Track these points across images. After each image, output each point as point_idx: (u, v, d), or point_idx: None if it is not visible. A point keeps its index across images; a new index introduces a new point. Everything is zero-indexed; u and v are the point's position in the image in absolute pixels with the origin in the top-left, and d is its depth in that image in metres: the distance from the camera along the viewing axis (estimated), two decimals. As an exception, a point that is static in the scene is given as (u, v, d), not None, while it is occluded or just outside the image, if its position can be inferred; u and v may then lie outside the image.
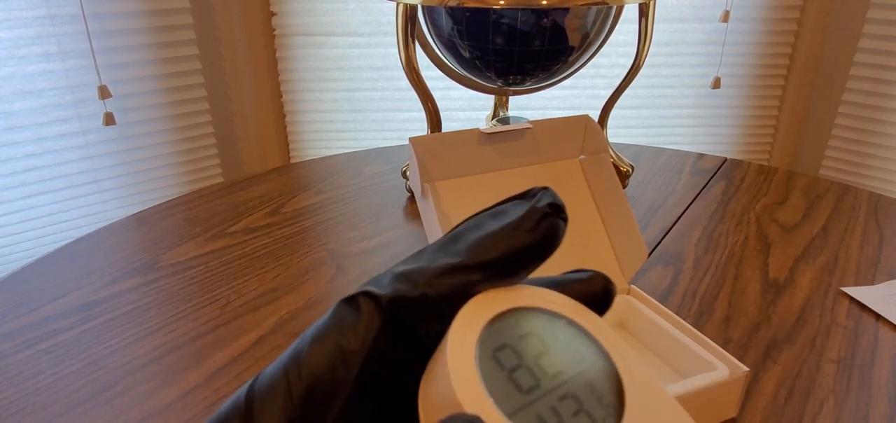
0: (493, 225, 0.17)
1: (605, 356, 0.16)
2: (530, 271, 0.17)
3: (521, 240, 0.16)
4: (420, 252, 0.18)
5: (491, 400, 0.15)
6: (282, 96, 1.40)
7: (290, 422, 0.16)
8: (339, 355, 0.16)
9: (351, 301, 0.17)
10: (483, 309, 0.17)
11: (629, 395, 0.16)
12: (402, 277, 0.16)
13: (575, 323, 0.17)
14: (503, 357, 0.16)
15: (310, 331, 0.17)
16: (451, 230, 0.18)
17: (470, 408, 0.14)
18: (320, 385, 0.16)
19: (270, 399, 0.16)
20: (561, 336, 0.17)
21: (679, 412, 0.16)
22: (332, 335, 0.16)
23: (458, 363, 0.16)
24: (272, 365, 0.17)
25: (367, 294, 0.16)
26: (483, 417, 0.14)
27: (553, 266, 0.44)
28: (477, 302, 0.17)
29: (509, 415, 0.15)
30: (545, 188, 0.17)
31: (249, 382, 0.17)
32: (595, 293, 0.18)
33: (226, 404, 0.16)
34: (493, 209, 0.18)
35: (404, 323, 0.16)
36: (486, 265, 0.16)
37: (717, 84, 1.23)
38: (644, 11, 0.62)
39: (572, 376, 0.16)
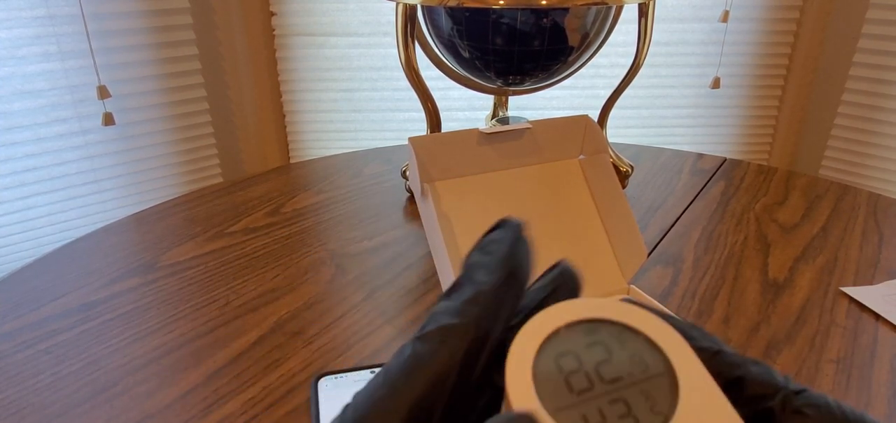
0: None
1: (672, 371, 0.17)
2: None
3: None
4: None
5: (537, 397, 0.16)
6: (281, 96, 1.40)
7: None
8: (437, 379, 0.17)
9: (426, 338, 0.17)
10: (557, 316, 0.17)
11: (683, 406, 0.16)
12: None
13: (649, 338, 0.17)
14: (564, 362, 0.17)
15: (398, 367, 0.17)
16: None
17: (516, 403, 0.15)
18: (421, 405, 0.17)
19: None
20: (630, 347, 0.17)
21: None
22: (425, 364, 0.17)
23: (516, 363, 0.16)
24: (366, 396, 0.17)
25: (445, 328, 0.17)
26: (527, 410, 0.15)
27: (553, 266, 0.44)
28: (552, 310, 0.17)
29: (553, 412, 0.15)
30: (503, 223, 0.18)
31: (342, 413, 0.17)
32: (571, 288, 0.19)
33: None
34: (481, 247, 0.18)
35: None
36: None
37: (716, 84, 1.23)
38: (644, 11, 0.62)
39: (629, 383, 0.16)
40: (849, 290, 0.52)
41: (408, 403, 0.16)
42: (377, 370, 0.36)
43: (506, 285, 0.17)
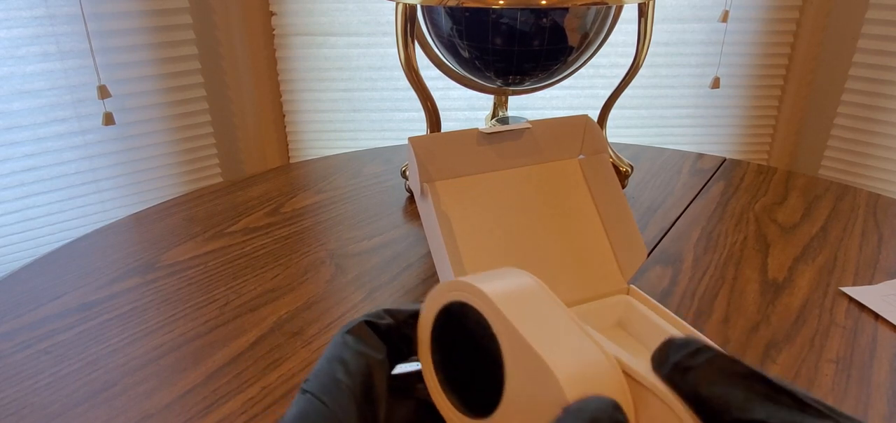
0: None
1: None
2: None
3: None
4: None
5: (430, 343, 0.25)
6: (281, 96, 1.40)
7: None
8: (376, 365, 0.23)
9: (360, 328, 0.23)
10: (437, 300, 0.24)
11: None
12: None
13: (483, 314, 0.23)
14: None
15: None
16: None
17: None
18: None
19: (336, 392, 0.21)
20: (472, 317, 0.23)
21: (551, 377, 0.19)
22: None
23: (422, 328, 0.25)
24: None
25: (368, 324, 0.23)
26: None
27: (554, 267, 0.44)
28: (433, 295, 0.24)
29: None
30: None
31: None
32: None
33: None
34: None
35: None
36: None
37: (716, 84, 1.23)
38: (643, 11, 0.62)
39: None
40: (848, 290, 0.52)
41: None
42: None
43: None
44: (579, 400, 0.18)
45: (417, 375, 0.25)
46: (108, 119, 1.02)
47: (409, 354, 0.25)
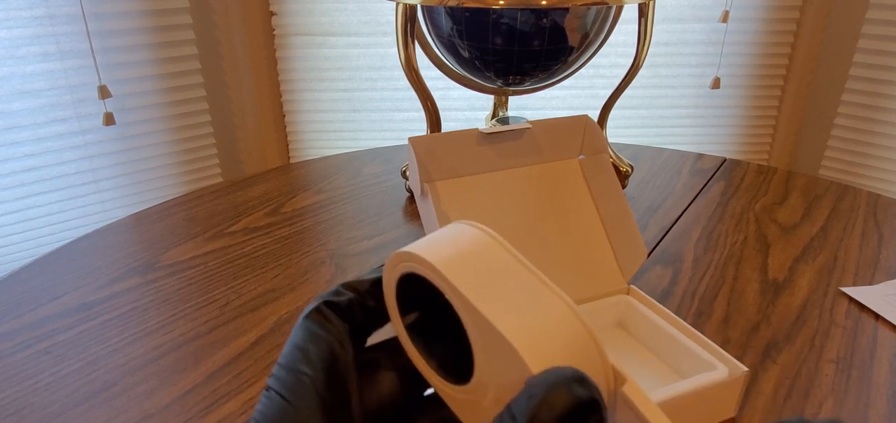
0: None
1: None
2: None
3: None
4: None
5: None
6: (281, 96, 1.40)
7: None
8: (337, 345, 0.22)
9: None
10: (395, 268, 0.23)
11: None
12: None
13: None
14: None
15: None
16: None
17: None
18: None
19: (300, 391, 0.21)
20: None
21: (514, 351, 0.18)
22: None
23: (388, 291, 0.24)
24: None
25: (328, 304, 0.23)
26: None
27: (554, 267, 0.44)
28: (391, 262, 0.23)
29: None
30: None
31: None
32: None
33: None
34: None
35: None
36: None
37: (716, 84, 1.23)
38: (643, 11, 0.62)
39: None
40: (848, 290, 0.52)
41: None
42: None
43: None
44: (539, 373, 0.17)
45: (388, 346, 0.24)
46: (109, 119, 1.02)
47: (378, 324, 0.24)
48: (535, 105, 1.41)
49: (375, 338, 0.24)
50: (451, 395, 0.22)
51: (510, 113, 0.78)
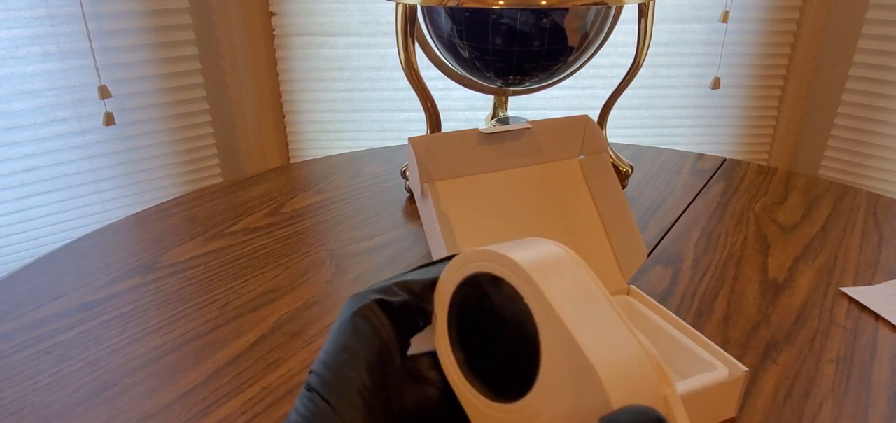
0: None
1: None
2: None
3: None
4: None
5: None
6: (281, 96, 1.40)
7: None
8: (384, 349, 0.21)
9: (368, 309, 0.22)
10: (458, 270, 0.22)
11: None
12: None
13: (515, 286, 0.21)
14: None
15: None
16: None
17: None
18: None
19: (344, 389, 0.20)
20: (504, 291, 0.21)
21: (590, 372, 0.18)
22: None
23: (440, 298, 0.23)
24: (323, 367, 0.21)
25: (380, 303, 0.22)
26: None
27: (552, 266, 0.44)
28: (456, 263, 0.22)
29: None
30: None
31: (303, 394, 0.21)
32: None
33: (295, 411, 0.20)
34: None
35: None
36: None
37: (716, 84, 1.23)
38: (643, 11, 0.62)
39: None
40: (848, 290, 0.52)
41: (366, 362, 0.20)
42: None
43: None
44: (621, 409, 0.16)
45: (431, 356, 0.23)
46: (109, 119, 1.02)
47: (425, 326, 0.22)
48: (535, 105, 1.41)
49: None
50: (487, 413, 0.20)
51: (510, 113, 0.78)
